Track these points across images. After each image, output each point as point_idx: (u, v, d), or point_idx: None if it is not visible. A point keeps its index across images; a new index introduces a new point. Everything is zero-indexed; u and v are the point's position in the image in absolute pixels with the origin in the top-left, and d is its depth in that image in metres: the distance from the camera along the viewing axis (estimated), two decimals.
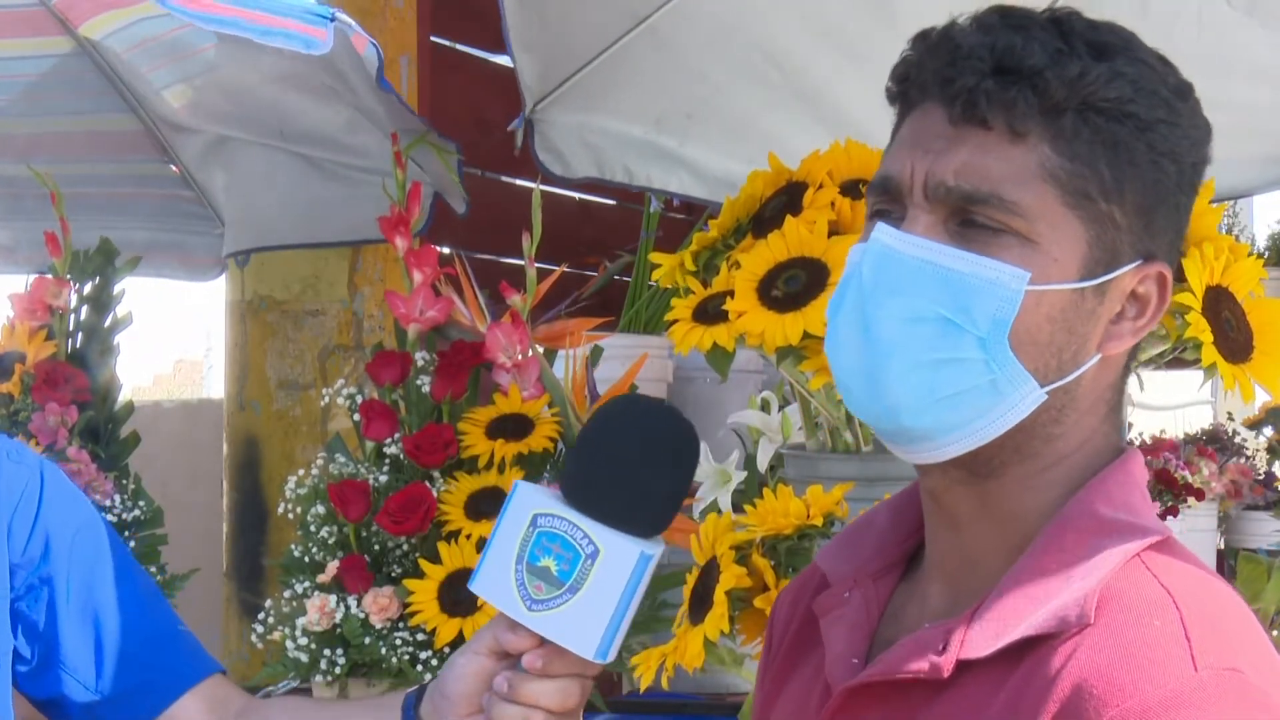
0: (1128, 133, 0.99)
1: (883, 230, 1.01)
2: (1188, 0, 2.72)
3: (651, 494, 1.13)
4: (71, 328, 2.73)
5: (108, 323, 2.75)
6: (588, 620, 1.11)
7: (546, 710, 1.15)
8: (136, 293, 3.00)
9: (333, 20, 2.07)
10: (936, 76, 1.01)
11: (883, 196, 1.04)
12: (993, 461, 1.02)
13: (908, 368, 1.00)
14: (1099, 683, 0.91)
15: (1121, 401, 1.07)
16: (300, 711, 1.57)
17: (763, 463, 2.29)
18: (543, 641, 1.13)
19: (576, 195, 3.95)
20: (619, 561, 1.11)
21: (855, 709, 1.03)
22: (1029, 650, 0.95)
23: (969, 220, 0.99)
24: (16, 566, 1.47)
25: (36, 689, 1.49)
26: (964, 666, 0.97)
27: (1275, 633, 1.49)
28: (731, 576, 1.53)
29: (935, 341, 0.99)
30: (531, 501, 1.13)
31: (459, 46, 3.75)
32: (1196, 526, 3.43)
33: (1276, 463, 4.36)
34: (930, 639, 1.00)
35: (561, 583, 1.11)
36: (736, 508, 1.97)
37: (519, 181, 3.61)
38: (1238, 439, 4.20)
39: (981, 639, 0.97)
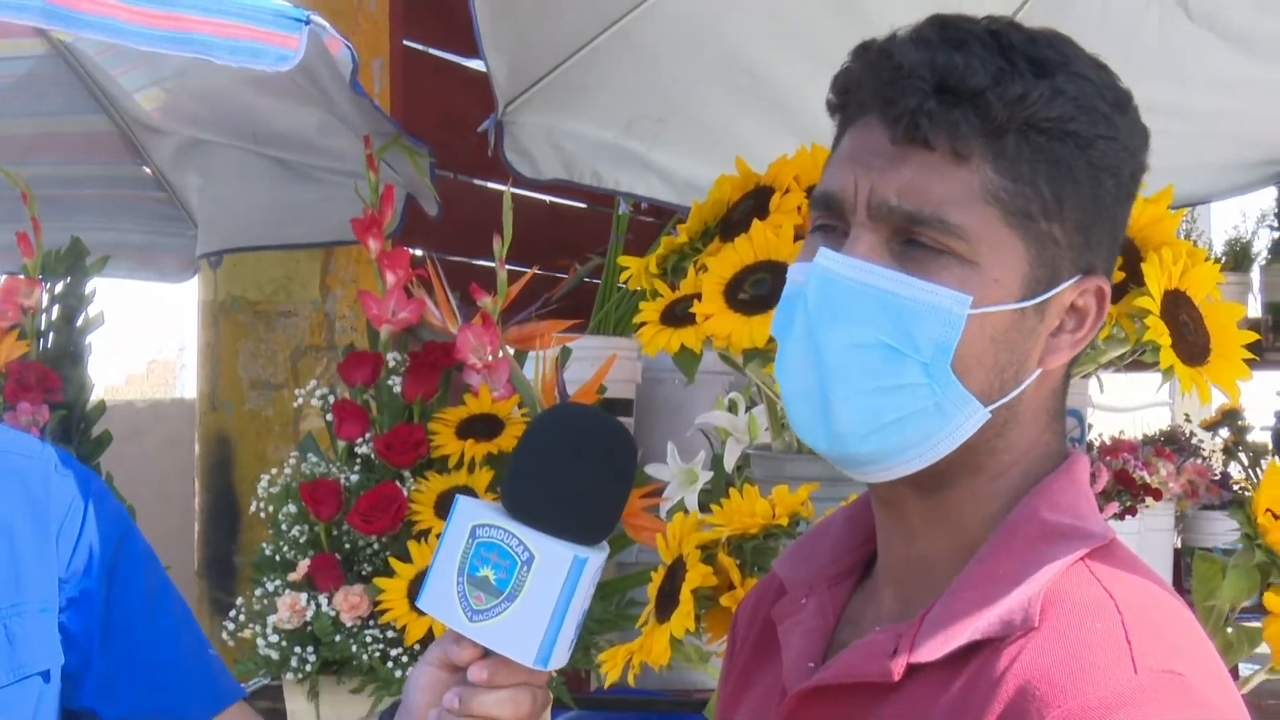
0: (1068, 151, 0.99)
1: (825, 255, 1.00)
2: (1148, 12, 2.74)
3: (585, 499, 1.12)
4: (43, 327, 2.70)
5: (79, 322, 2.73)
6: (526, 627, 1.10)
7: None
8: (110, 293, 2.98)
9: (307, 23, 2.04)
10: (877, 95, 0.99)
11: (826, 212, 1.03)
12: (941, 477, 1.03)
13: (852, 394, 0.99)
14: (1042, 684, 0.91)
15: (1063, 408, 1.07)
16: None
17: (729, 463, 2.29)
18: (487, 653, 1.12)
19: (547, 198, 3.95)
20: (553, 566, 1.09)
21: (809, 711, 1.04)
22: (975, 653, 0.96)
23: (911, 240, 0.98)
24: (63, 580, 1.45)
25: (70, 699, 1.47)
26: (914, 669, 0.98)
27: (1230, 630, 1.50)
28: (698, 575, 1.53)
29: (879, 368, 0.99)
30: (471, 513, 1.12)
31: (431, 50, 3.74)
32: (1154, 526, 3.44)
33: (1232, 463, 4.40)
34: (881, 643, 1.00)
35: (500, 591, 1.10)
36: (703, 507, 1.97)
37: (491, 184, 3.60)
38: (1195, 440, 4.23)
39: (930, 643, 0.97)
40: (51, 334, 2.72)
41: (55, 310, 2.73)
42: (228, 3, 1.98)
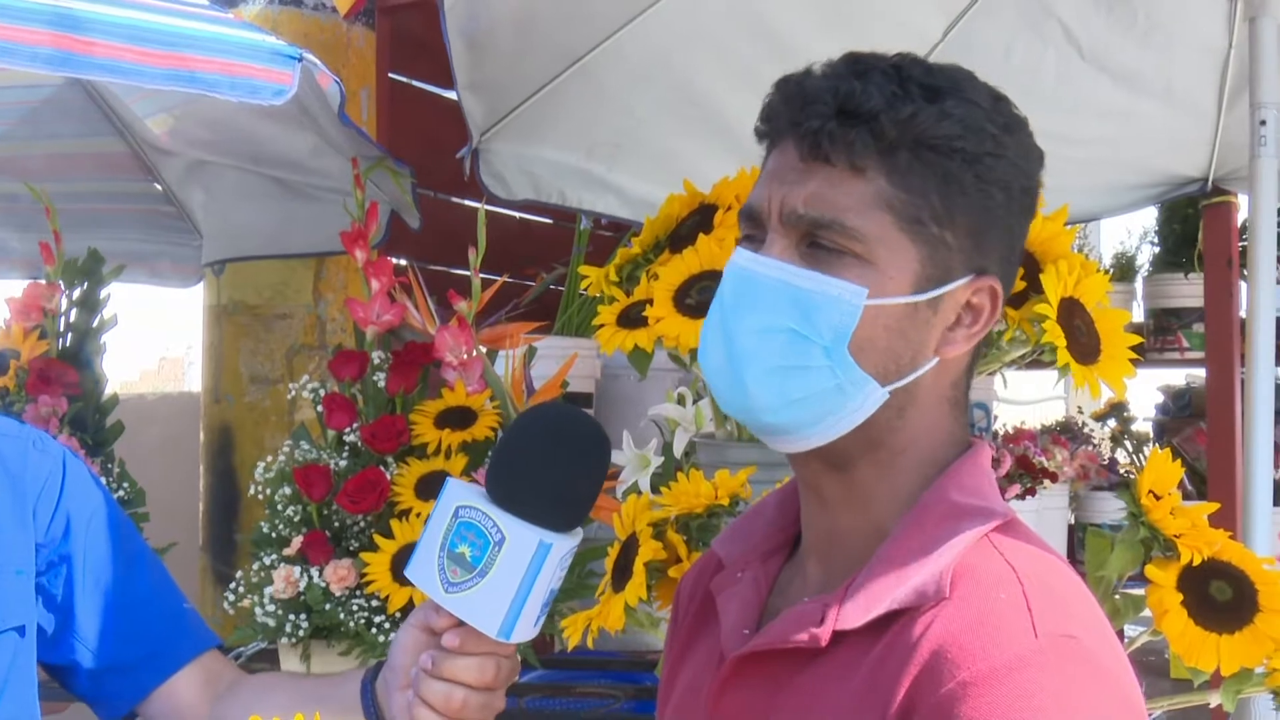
0: (956, 166, 0.99)
1: (740, 254, 1.03)
2: (1046, 52, 2.76)
3: (559, 489, 1.11)
4: (62, 329, 2.68)
5: (95, 324, 2.71)
6: (493, 601, 1.09)
7: (466, 685, 1.13)
8: (126, 297, 2.96)
9: (300, 60, 2.02)
10: (789, 119, 1.01)
11: (749, 223, 1.05)
12: (848, 453, 1.03)
13: (762, 373, 1.01)
14: (953, 648, 0.91)
15: (965, 399, 1.07)
16: (275, 686, 1.53)
17: (678, 450, 2.28)
18: (461, 622, 1.11)
19: (517, 215, 3.93)
20: (521, 548, 1.08)
21: (744, 674, 1.04)
22: (894, 621, 0.96)
23: (816, 243, 1.00)
24: (41, 545, 1.43)
25: (52, 656, 1.45)
26: (839, 636, 0.98)
27: (1118, 597, 1.50)
28: (649, 550, 1.52)
29: (785, 350, 1.00)
30: (456, 495, 1.11)
31: (414, 82, 3.72)
32: (1051, 505, 3.47)
33: (1119, 450, 4.43)
34: (810, 612, 1.00)
35: (473, 567, 1.09)
36: (655, 489, 1.97)
37: (467, 202, 3.58)
38: (1086, 430, 4.27)
39: (854, 612, 0.97)
40: (70, 334, 2.69)
41: (74, 313, 2.70)
42: (228, 42, 1.96)
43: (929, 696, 0.90)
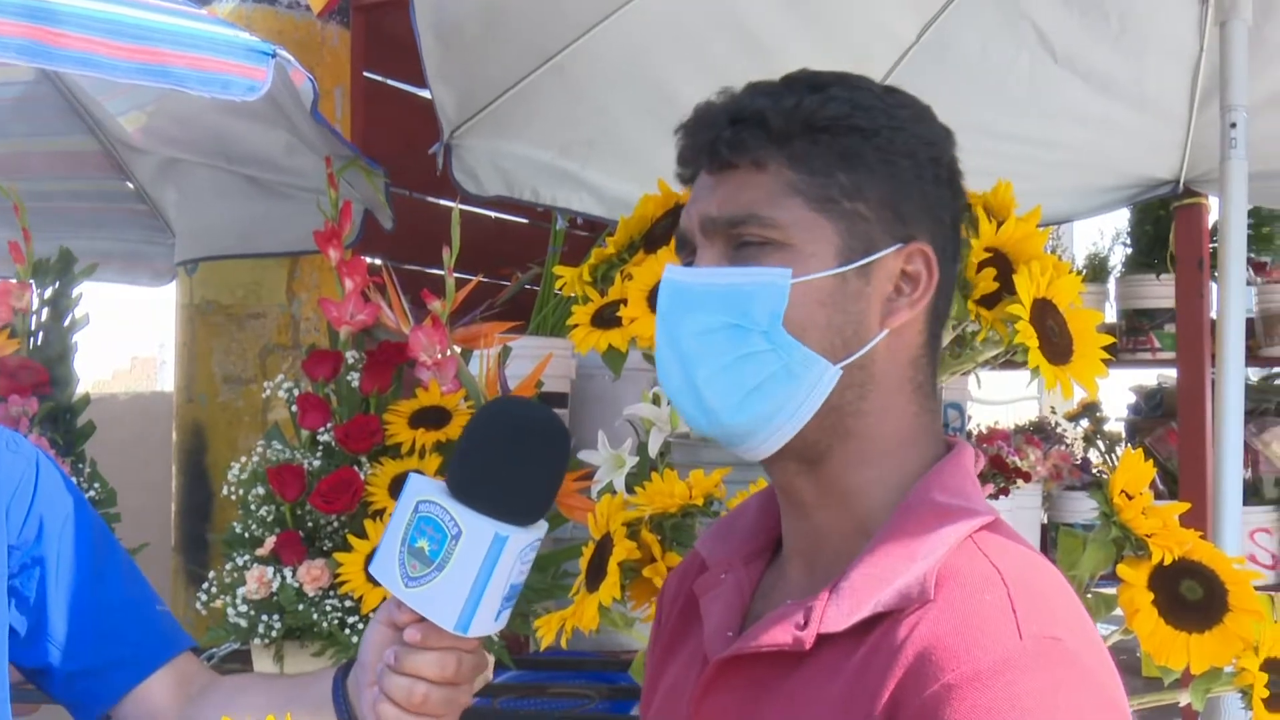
0: (854, 142, 1.03)
1: (670, 270, 1.07)
2: (1020, 56, 2.77)
3: (517, 483, 1.10)
4: (33, 328, 2.66)
5: (66, 323, 2.69)
6: (450, 595, 1.08)
7: (427, 680, 1.13)
8: (98, 296, 2.94)
9: (273, 57, 2.01)
10: (693, 148, 1.07)
11: (682, 249, 1.09)
12: (818, 446, 1.04)
13: (713, 372, 1.03)
14: (939, 651, 0.91)
15: (930, 387, 1.08)
16: (247, 687, 1.52)
17: (653, 449, 2.29)
18: (424, 617, 1.11)
19: (493, 214, 3.92)
20: (477, 541, 1.08)
21: (727, 677, 1.04)
22: (878, 623, 0.96)
23: (741, 242, 1.03)
24: (13, 548, 1.42)
25: (26, 658, 1.44)
26: (823, 639, 0.98)
27: (1089, 596, 1.51)
28: (623, 549, 1.52)
29: (728, 345, 1.02)
30: (417, 490, 1.11)
31: (389, 81, 3.71)
32: (1024, 504, 3.48)
33: (1091, 450, 4.46)
34: (793, 615, 1.00)
35: (431, 561, 1.08)
36: (629, 489, 1.97)
37: (441, 201, 3.57)
38: (1059, 430, 4.29)
39: (838, 615, 0.97)
40: (41, 334, 2.67)
41: (45, 312, 2.68)
42: (201, 37, 1.95)
43: (914, 699, 0.91)
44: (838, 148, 1.02)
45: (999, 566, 0.97)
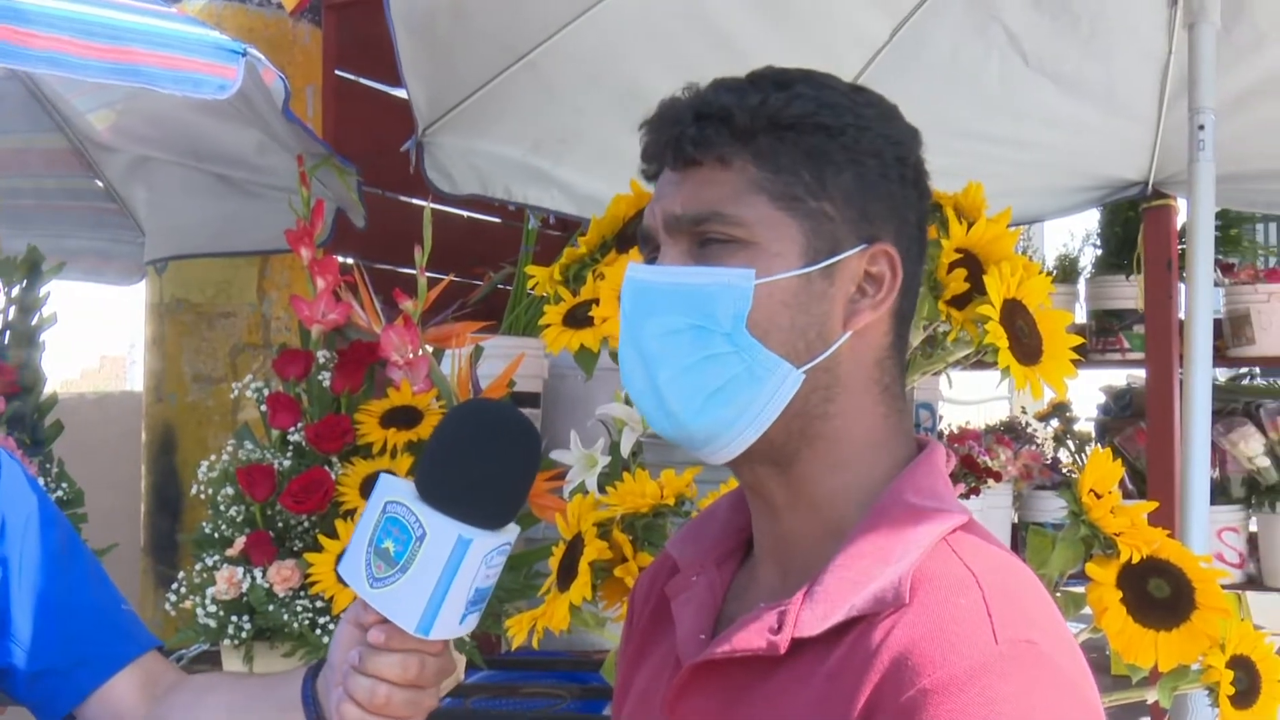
0: (820, 140, 1.01)
1: (632, 268, 1.05)
2: (990, 57, 2.78)
3: (485, 485, 1.09)
4: (0, 327, 2.63)
5: (34, 322, 2.67)
6: (412, 596, 1.08)
7: (389, 682, 1.12)
8: (67, 295, 2.91)
9: (244, 55, 2.00)
10: (657, 144, 1.05)
11: (646, 246, 1.08)
12: (785, 449, 1.02)
13: (674, 375, 1.01)
14: (914, 655, 0.91)
15: (897, 388, 1.06)
16: (215, 686, 1.50)
17: (626, 449, 2.28)
18: (387, 619, 1.10)
19: (465, 213, 3.91)
20: (440, 543, 1.07)
21: (701, 681, 1.03)
22: (852, 627, 0.95)
23: (704, 239, 1.01)
24: None
25: None
26: (797, 644, 0.97)
27: (1059, 595, 1.52)
28: (594, 549, 1.52)
29: (690, 346, 1.01)
30: (386, 490, 1.10)
31: (361, 80, 3.69)
32: (995, 504, 3.50)
33: (1061, 450, 4.49)
34: (767, 619, 0.99)
35: (396, 562, 1.08)
36: (601, 489, 1.96)
37: (414, 200, 3.56)
38: (1029, 430, 4.31)
39: (812, 619, 0.96)
40: (9, 333, 2.65)
41: (12, 311, 2.66)
42: (171, 36, 1.94)
43: (890, 704, 0.90)
44: (803, 145, 1.01)
45: (973, 569, 0.96)
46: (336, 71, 3.52)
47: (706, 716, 1.02)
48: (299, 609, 2.06)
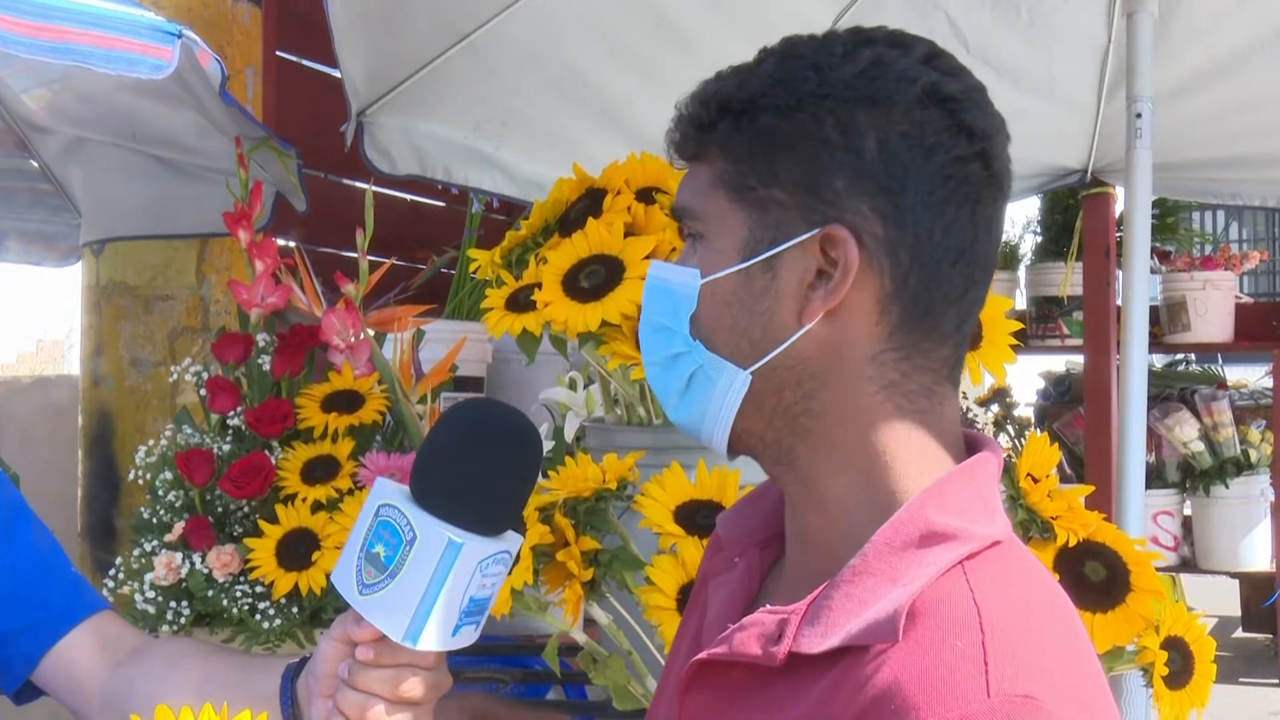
0: (771, 121, 0.94)
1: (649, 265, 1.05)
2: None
3: (482, 490, 1.05)
4: None
5: None
6: (401, 603, 1.04)
7: (381, 698, 1.09)
8: (2, 278, 2.85)
9: (179, 37, 1.97)
10: (667, 137, 1.04)
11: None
12: (779, 445, 0.97)
13: (654, 371, 1.02)
14: (897, 699, 0.83)
15: (913, 386, 0.95)
16: (186, 657, 1.44)
17: (569, 434, 2.28)
18: (383, 636, 1.07)
19: (408, 197, 3.89)
20: (430, 547, 1.03)
21: (705, 676, 0.98)
22: (846, 654, 0.88)
23: (685, 235, 1.01)
24: None
25: None
26: (795, 657, 0.91)
27: None
28: (536, 534, 1.52)
29: (662, 345, 1.01)
30: (380, 494, 1.06)
31: (303, 61, 3.65)
32: None
33: (1001, 435, 4.53)
34: (767, 626, 0.93)
35: (385, 567, 1.04)
36: (544, 473, 1.96)
37: (356, 183, 3.53)
38: (970, 414, 4.35)
39: (812, 637, 0.90)
40: None
41: None
42: (105, 16, 1.90)
43: None
44: (753, 130, 0.94)
45: (980, 605, 0.86)
46: (277, 53, 3.47)
47: (710, 712, 0.98)
48: (238, 594, 2.04)
